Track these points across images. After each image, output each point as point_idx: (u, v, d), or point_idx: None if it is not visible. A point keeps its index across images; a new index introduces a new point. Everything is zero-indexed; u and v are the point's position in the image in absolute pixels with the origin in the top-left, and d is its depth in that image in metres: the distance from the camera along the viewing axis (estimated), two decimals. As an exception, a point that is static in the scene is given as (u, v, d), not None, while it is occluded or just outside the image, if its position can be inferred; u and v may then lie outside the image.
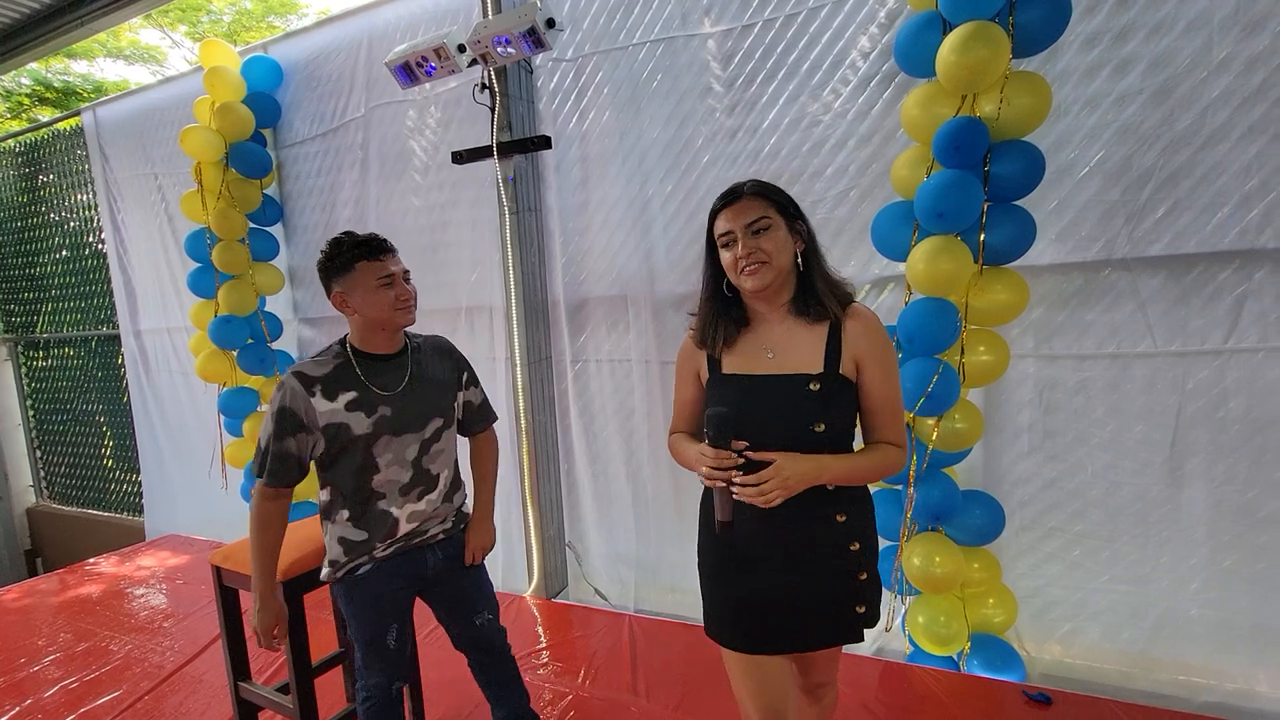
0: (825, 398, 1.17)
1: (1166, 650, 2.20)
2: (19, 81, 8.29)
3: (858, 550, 1.24)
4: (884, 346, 1.21)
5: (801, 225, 1.23)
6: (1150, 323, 2.09)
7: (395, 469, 1.50)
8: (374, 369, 1.50)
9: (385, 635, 1.55)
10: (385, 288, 1.46)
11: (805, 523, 1.22)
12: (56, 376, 5.59)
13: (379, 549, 1.52)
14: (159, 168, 4.18)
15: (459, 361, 1.69)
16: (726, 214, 1.21)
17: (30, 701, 2.43)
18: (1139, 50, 1.99)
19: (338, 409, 1.43)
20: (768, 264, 1.17)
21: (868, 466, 1.22)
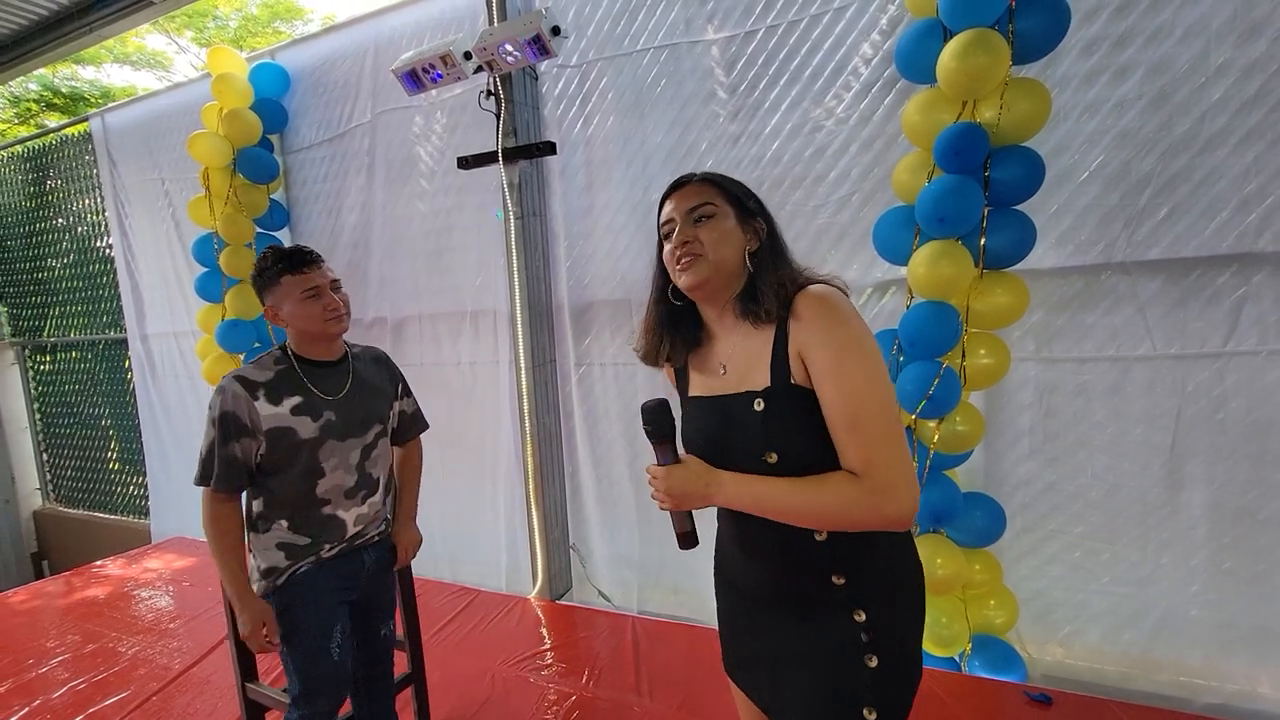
0: (772, 418, 0.94)
1: (1167, 652, 2.21)
2: (27, 87, 8.35)
3: (864, 622, 0.94)
4: (827, 329, 0.90)
5: (759, 222, 1.03)
6: (1150, 326, 2.11)
7: (340, 473, 1.51)
8: (317, 374, 1.51)
9: (329, 641, 1.52)
10: (312, 299, 1.46)
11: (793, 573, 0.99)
12: (63, 380, 5.63)
13: (325, 550, 1.53)
14: (166, 173, 4.22)
15: (394, 371, 1.72)
16: (671, 200, 1.05)
17: (39, 702, 2.45)
18: (1137, 56, 2.02)
19: (282, 413, 1.44)
20: (702, 257, 0.98)
21: (793, 501, 0.90)
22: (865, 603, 0.95)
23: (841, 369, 0.89)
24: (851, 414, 0.88)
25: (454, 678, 2.42)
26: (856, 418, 0.87)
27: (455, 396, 3.44)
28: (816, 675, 0.97)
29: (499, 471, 3.36)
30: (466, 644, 2.67)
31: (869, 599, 0.95)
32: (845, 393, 0.88)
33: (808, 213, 2.51)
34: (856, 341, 0.90)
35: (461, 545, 3.59)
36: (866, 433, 0.87)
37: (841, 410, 0.88)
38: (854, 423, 0.87)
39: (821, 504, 0.89)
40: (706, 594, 3.10)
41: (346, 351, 1.61)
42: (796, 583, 1.00)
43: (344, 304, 1.52)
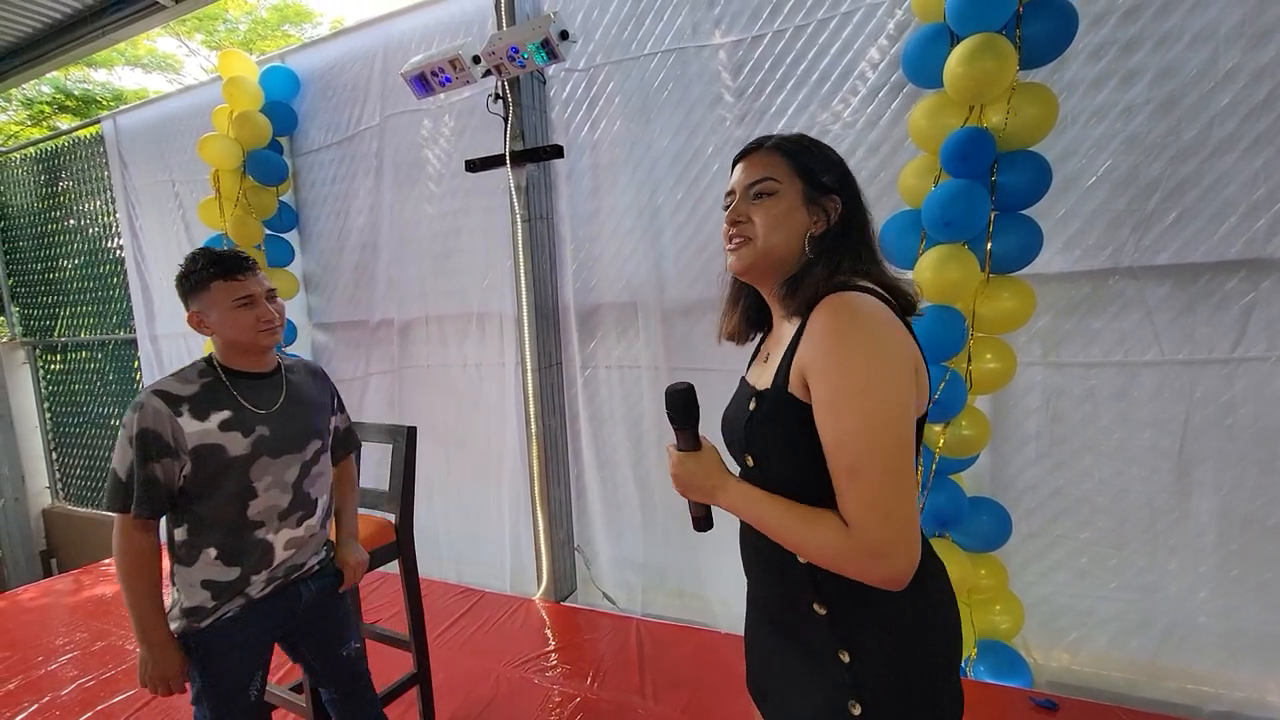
0: (757, 423, 0.88)
1: (1174, 658, 2.20)
2: (39, 90, 8.44)
3: (848, 663, 0.84)
4: (831, 352, 0.78)
5: (832, 201, 0.90)
6: (1158, 331, 2.10)
7: (275, 493, 1.40)
8: (247, 387, 1.40)
9: (249, 686, 1.41)
10: (244, 309, 1.36)
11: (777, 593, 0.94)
12: (73, 380, 5.67)
13: (253, 586, 1.39)
14: (177, 175, 4.25)
15: (330, 385, 1.63)
16: (738, 169, 0.96)
17: (48, 699, 2.47)
18: (1146, 61, 2.01)
19: (210, 429, 1.31)
20: (751, 242, 0.90)
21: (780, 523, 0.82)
22: (849, 641, 0.84)
23: (839, 406, 0.77)
24: (849, 463, 0.77)
25: (458, 678, 2.42)
26: (854, 468, 0.76)
27: (461, 398, 3.46)
28: (804, 710, 0.90)
29: (504, 473, 3.37)
30: (471, 645, 2.68)
31: (854, 638, 0.84)
32: (842, 435, 0.77)
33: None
34: (864, 373, 0.76)
35: (466, 546, 3.60)
36: (863, 484, 0.76)
37: (838, 455, 0.78)
38: (851, 472, 0.77)
39: (816, 546, 0.79)
40: (711, 598, 3.10)
41: (279, 363, 1.50)
42: (781, 604, 0.93)
43: (279, 315, 1.42)
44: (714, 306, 2.89)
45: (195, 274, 1.35)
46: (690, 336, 2.83)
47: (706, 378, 2.75)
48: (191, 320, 1.38)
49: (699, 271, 2.77)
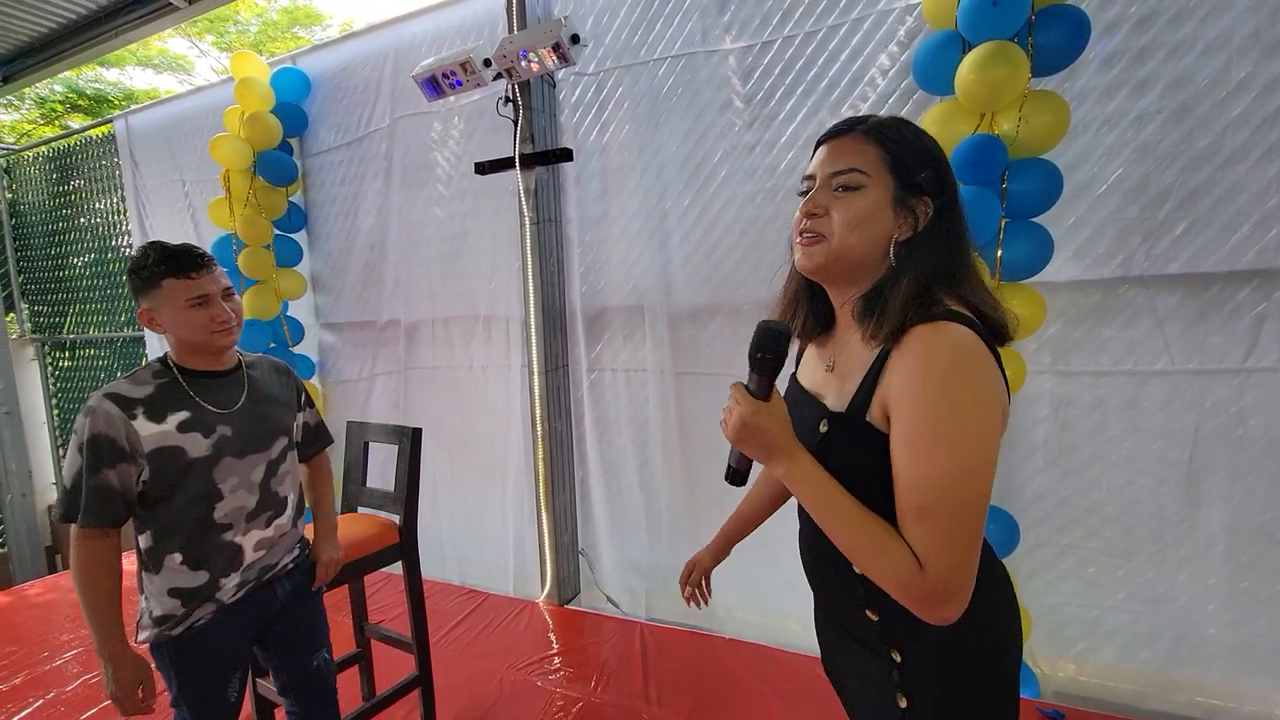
0: (830, 447, 0.83)
1: (1183, 671, 2.18)
2: (52, 89, 8.51)
3: (899, 662, 0.85)
4: (921, 394, 0.74)
5: (923, 204, 0.81)
6: (1168, 340, 2.09)
7: (241, 493, 1.35)
8: (205, 386, 1.35)
9: (226, 689, 1.37)
10: (198, 308, 1.30)
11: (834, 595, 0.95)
12: (81, 377, 5.71)
13: (224, 590, 1.35)
14: (187, 174, 4.28)
15: (295, 381, 1.59)
16: (822, 150, 0.86)
17: (54, 694, 2.48)
18: (1158, 70, 2.01)
19: (168, 431, 1.27)
20: (825, 240, 0.82)
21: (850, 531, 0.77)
22: (899, 643, 0.85)
23: (919, 445, 0.73)
24: (922, 504, 0.73)
25: (461, 680, 2.42)
26: (927, 510, 0.73)
27: (467, 400, 3.47)
28: (864, 700, 0.94)
29: (508, 475, 3.37)
30: (474, 647, 2.68)
31: (903, 640, 0.85)
32: (919, 475, 0.73)
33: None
34: (952, 415, 0.72)
35: (470, 547, 3.60)
36: (934, 528, 0.72)
37: (911, 495, 0.74)
38: (922, 514, 0.73)
39: (879, 565, 0.75)
40: (715, 603, 3.07)
41: (239, 360, 1.45)
42: (840, 604, 0.94)
43: (236, 314, 1.37)
44: (721, 311, 2.91)
45: (145, 270, 1.29)
46: (697, 341, 2.83)
47: (714, 382, 2.80)
48: (142, 318, 1.33)
49: (706, 276, 2.77)
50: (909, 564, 0.73)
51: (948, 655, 0.84)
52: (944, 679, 0.84)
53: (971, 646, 0.84)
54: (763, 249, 2.64)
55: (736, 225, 2.68)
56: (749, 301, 2.69)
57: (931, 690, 0.84)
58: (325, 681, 1.62)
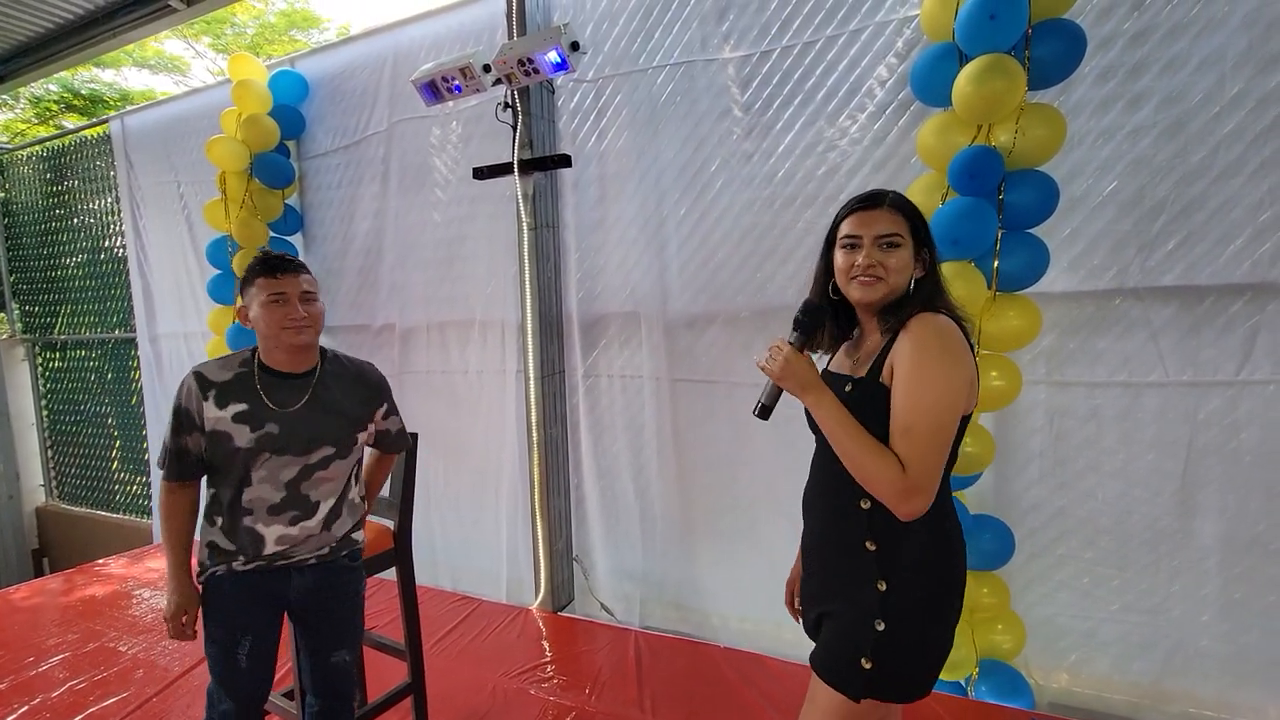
0: (854, 400, 1.13)
1: (1177, 682, 2.19)
2: (47, 88, 8.47)
3: (884, 592, 1.10)
4: (912, 350, 1.06)
5: (926, 253, 1.17)
6: (1162, 352, 2.10)
7: (267, 487, 1.46)
8: (274, 384, 1.48)
9: (236, 648, 1.48)
10: (276, 305, 1.44)
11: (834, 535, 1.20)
12: (71, 378, 5.66)
13: (238, 563, 1.48)
14: (182, 175, 4.26)
15: (378, 394, 1.66)
16: (860, 217, 1.16)
17: (39, 700, 2.44)
18: (1153, 85, 2.03)
19: (224, 418, 1.43)
20: (883, 280, 1.13)
21: (856, 446, 1.07)
22: (889, 573, 1.11)
23: (907, 386, 1.06)
24: (907, 423, 1.05)
25: (454, 688, 2.40)
26: (911, 427, 1.05)
27: (461, 405, 3.45)
28: (837, 629, 1.18)
29: (502, 482, 3.35)
30: (467, 654, 2.66)
31: (892, 570, 1.11)
32: (908, 404, 1.05)
33: (820, 229, 2.51)
34: (931, 369, 1.05)
35: (463, 554, 3.58)
36: (914, 440, 1.04)
37: (900, 416, 1.06)
38: (906, 430, 1.05)
39: (875, 469, 1.05)
40: (710, 611, 3.08)
41: (317, 365, 1.55)
42: (839, 537, 1.18)
43: (312, 317, 1.48)
44: (717, 318, 2.91)
45: (247, 270, 1.48)
46: (694, 348, 2.83)
47: (710, 390, 2.80)
48: (239, 314, 1.50)
49: (703, 284, 2.77)
50: (896, 467, 1.04)
51: (920, 589, 1.12)
52: (914, 609, 1.11)
53: (934, 585, 1.14)
54: (760, 257, 2.65)
55: (734, 233, 2.68)
56: (746, 309, 2.70)
57: (903, 617, 1.11)
58: (341, 684, 1.63)
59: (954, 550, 1.17)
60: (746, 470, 2.78)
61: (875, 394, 1.10)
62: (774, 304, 2.64)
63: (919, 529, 1.09)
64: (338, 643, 1.61)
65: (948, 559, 1.15)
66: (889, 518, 1.08)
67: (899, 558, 1.11)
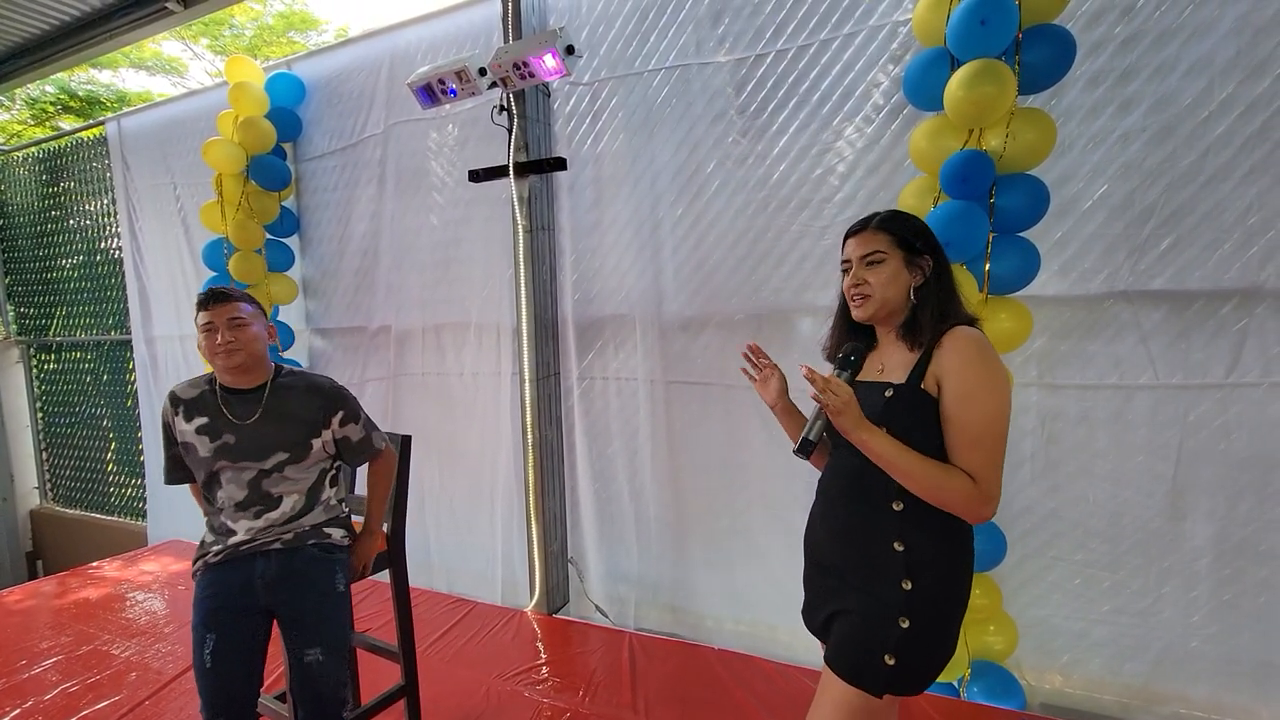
0: (894, 405, 1.20)
1: (1168, 683, 2.20)
2: (43, 89, 8.46)
3: (909, 590, 1.16)
4: (964, 365, 1.14)
5: (925, 261, 1.24)
6: (1152, 355, 2.12)
7: (233, 488, 1.63)
8: (232, 400, 1.65)
9: (202, 646, 1.54)
10: (207, 333, 1.60)
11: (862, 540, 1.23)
12: (66, 380, 5.64)
13: (210, 555, 1.62)
14: (179, 178, 4.26)
15: (331, 401, 1.71)
16: (851, 243, 1.29)
17: (31, 703, 2.43)
18: (1142, 90, 2.05)
19: (190, 430, 1.62)
20: (870, 298, 1.24)
21: (923, 470, 1.13)
22: (915, 572, 1.16)
23: (968, 400, 1.14)
24: (972, 437, 1.13)
25: (448, 691, 2.40)
26: (976, 440, 1.13)
27: (456, 407, 3.45)
28: (858, 626, 1.21)
29: (497, 484, 3.35)
30: (461, 656, 2.66)
31: (919, 569, 1.16)
32: (968, 420, 1.13)
33: (814, 233, 2.54)
34: (986, 381, 1.14)
35: (457, 557, 3.58)
36: (984, 452, 1.13)
37: (965, 430, 1.14)
38: (973, 444, 1.13)
39: (950, 488, 1.12)
40: (704, 613, 3.08)
41: (267, 381, 1.68)
42: (863, 544, 1.23)
43: (241, 339, 1.61)
44: (712, 321, 2.91)
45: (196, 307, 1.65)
46: (689, 351, 2.84)
47: (705, 391, 2.81)
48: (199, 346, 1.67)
49: (698, 286, 2.78)
50: (965, 479, 1.12)
51: (942, 587, 1.18)
52: (937, 607, 1.18)
53: (954, 583, 1.20)
54: (754, 259, 2.66)
55: (728, 236, 2.69)
56: (740, 311, 2.71)
57: (927, 614, 1.16)
58: (317, 687, 1.57)
59: (969, 550, 1.24)
60: (741, 473, 2.79)
61: (920, 400, 1.18)
62: (768, 307, 2.65)
63: (943, 530, 1.17)
64: (309, 640, 1.58)
65: (964, 558, 1.22)
66: (920, 519, 1.17)
67: (924, 557, 1.17)
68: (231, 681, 1.54)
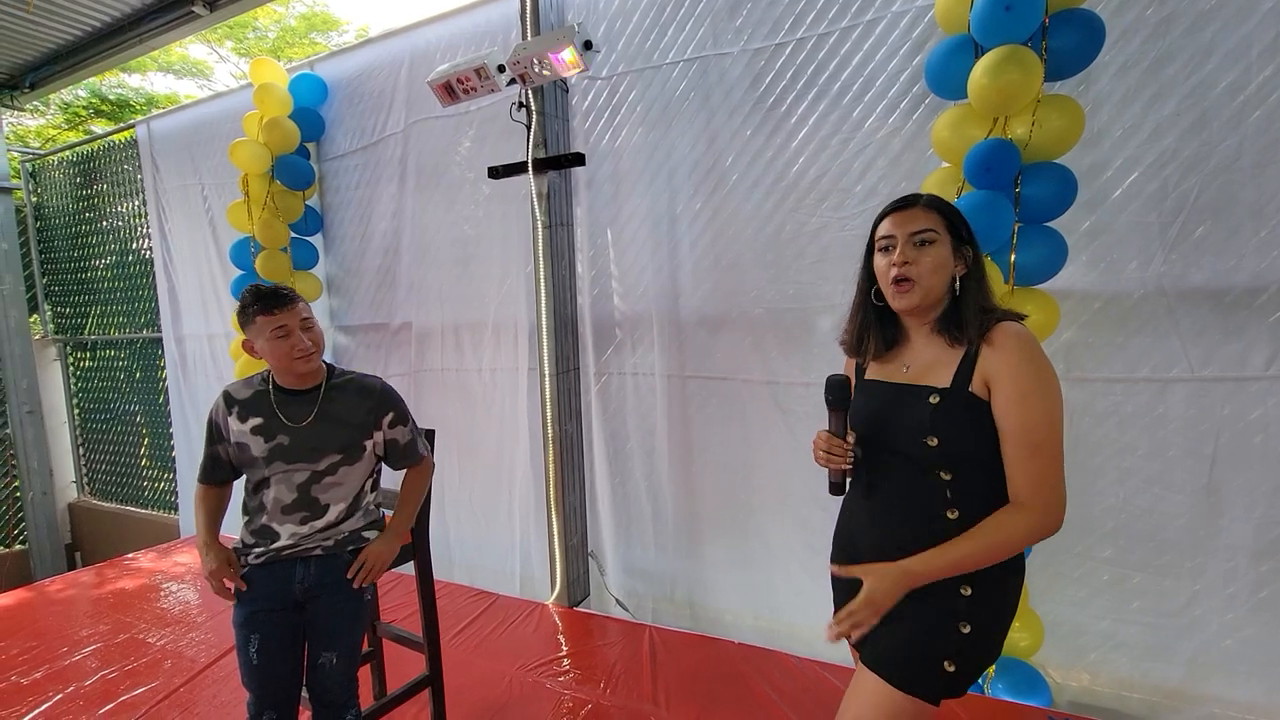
0: (943, 412, 1.11)
1: (1201, 684, 2.15)
2: (76, 94, 8.68)
3: (969, 596, 1.10)
4: (1020, 365, 1.06)
5: (969, 250, 1.16)
6: (1186, 347, 2.06)
7: (282, 489, 1.61)
8: (286, 400, 1.64)
9: (248, 644, 1.58)
10: (281, 339, 1.56)
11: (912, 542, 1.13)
12: (101, 377, 5.81)
13: (252, 556, 1.62)
14: (206, 178, 4.35)
15: (382, 403, 1.72)
16: (894, 218, 1.17)
17: (73, 689, 2.52)
18: (1176, 76, 1.99)
19: (244, 430, 1.61)
20: (916, 284, 1.13)
21: (974, 552, 1.06)
22: (974, 580, 1.10)
23: (1027, 402, 1.06)
24: (1034, 442, 1.05)
25: (472, 681, 2.43)
26: (1038, 446, 1.05)
27: (475, 403, 3.49)
28: (914, 633, 1.13)
29: (515, 479, 3.38)
30: (484, 648, 2.69)
31: (979, 577, 1.09)
32: (1029, 423, 1.05)
33: (835, 227, 2.51)
34: (1043, 380, 1.07)
35: (477, 552, 3.62)
36: (1045, 458, 1.06)
37: (1023, 437, 1.06)
38: (1035, 449, 1.06)
39: (1014, 539, 1.06)
40: (722, 609, 3.07)
41: (322, 382, 1.67)
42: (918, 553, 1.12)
43: (315, 342, 1.61)
44: (731, 315, 2.89)
45: (245, 310, 1.59)
46: (707, 346, 2.84)
47: (723, 386, 2.80)
48: (245, 347, 1.64)
49: (716, 281, 2.77)
50: (1023, 517, 1.06)
51: (999, 593, 1.13)
52: (997, 611, 1.13)
53: (1010, 587, 1.15)
54: (773, 254, 2.64)
55: (747, 230, 2.68)
56: (759, 306, 2.69)
57: (985, 618, 1.11)
58: (327, 689, 1.62)
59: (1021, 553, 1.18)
60: (759, 469, 2.78)
61: (971, 405, 1.10)
62: (787, 301, 2.63)
63: None
64: (326, 643, 1.63)
65: (1019, 558, 1.16)
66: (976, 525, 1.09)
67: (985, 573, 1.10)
68: (278, 676, 1.59)
